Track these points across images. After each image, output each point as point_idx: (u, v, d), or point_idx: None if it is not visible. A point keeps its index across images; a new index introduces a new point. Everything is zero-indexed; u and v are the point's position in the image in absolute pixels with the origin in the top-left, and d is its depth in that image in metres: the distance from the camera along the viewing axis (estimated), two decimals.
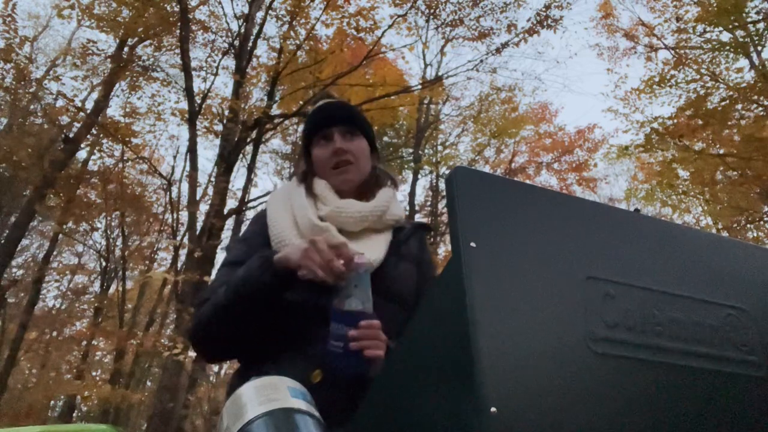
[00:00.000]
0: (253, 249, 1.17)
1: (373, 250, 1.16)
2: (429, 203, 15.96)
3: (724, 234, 11.07)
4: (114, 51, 10.60)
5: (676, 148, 9.75)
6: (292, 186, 1.28)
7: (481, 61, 11.28)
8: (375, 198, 1.24)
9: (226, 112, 8.47)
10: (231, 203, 10.37)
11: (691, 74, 9.82)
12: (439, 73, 13.33)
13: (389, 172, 1.37)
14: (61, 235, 14.32)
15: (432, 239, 15.37)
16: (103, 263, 16.15)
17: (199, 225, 8.17)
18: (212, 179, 10.66)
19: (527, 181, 11.48)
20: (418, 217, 15.82)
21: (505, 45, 10.72)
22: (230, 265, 1.18)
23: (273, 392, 0.65)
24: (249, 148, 10.03)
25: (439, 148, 16.17)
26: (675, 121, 9.42)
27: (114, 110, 16.30)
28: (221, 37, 9.99)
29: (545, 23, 10.05)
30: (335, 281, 0.98)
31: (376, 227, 1.21)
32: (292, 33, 9.41)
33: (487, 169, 15.52)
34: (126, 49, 10.69)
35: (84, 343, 15.65)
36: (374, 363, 0.96)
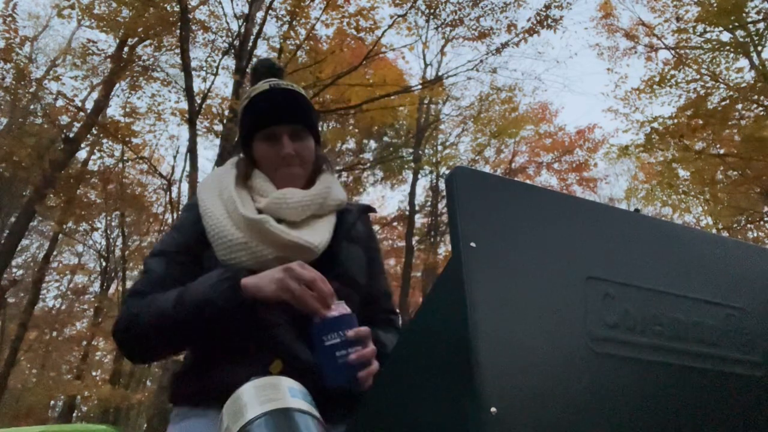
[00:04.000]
0: (187, 239, 1.13)
1: (317, 234, 1.12)
2: (429, 203, 15.96)
3: (724, 234, 11.07)
4: (114, 51, 10.61)
5: (676, 148, 9.76)
6: (222, 175, 1.21)
7: (481, 61, 11.30)
8: (315, 185, 1.19)
9: (226, 112, 8.47)
10: None
11: (691, 74, 9.84)
12: (439, 73, 13.34)
13: (324, 155, 1.29)
14: (61, 235, 14.33)
15: (432, 239, 15.38)
16: (103, 263, 16.16)
17: None
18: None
19: (527, 181, 11.48)
20: (418, 218, 15.83)
21: (505, 45, 10.72)
22: (162, 255, 1.12)
23: (273, 392, 0.65)
24: None
25: (439, 148, 16.19)
26: (675, 121, 9.43)
27: (114, 110, 16.33)
28: (221, 37, 9.99)
29: (545, 23, 10.05)
30: (313, 313, 0.94)
31: (318, 213, 1.17)
32: (292, 33, 9.40)
33: (487, 169, 15.52)
34: (126, 49, 10.69)
35: (84, 343, 15.66)
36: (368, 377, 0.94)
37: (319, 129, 1.29)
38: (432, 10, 11.02)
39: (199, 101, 8.65)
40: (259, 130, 1.18)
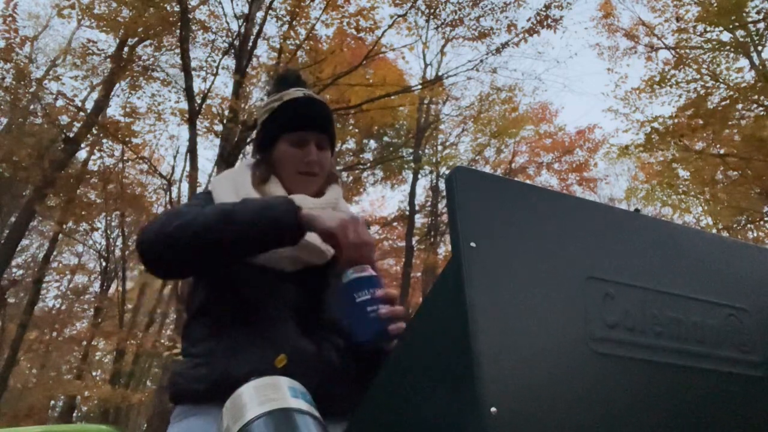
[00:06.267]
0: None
1: None
2: (429, 203, 15.96)
3: (724, 234, 11.07)
4: (114, 51, 10.61)
5: (676, 148, 9.76)
6: (237, 174, 1.24)
7: (481, 61, 11.30)
8: (325, 194, 1.24)
9: (226, 112, 8.46)
10: None
11: (691, 74, 9.83)
12: (439, 73, 13.33)
13: (334, 170, 1.35)
14: (61, 235, 14.32)
15: (432, 239, 15.38)
16: (103, 263, 16.17)
17: None
18: (212, 179, 10.64)
19: (527, 181, 11.48)
20: (418, 218, 15.83)
21: (505, 45, 10.73)
22: (199, 206, 1.12)
23: (273, 392, 0.65)
24: (249, 148, 10.05)
25: (439, 148, 16.18)
26: (675, 120, 9.43)
27: (114, 110, 16.34)
28: (221, 37, 9.98)
29: (545, 23, 10.05)
30: (351, 266, 0.99)
31: None
32: (292, 33, 9.39)
33: (487, 169, 15.52)
34: (126, 49, 10.69)
35: (84, 343, 15.65)
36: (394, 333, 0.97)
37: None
38: (432, 10, 11.03)
39: (199, 101, 8.64)
40: (288, 132, 1.22)
